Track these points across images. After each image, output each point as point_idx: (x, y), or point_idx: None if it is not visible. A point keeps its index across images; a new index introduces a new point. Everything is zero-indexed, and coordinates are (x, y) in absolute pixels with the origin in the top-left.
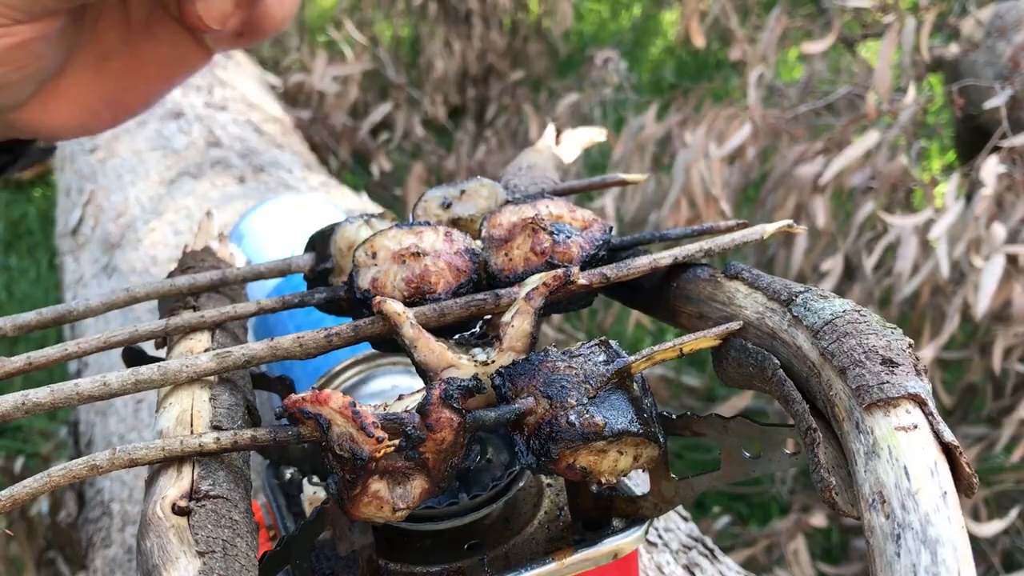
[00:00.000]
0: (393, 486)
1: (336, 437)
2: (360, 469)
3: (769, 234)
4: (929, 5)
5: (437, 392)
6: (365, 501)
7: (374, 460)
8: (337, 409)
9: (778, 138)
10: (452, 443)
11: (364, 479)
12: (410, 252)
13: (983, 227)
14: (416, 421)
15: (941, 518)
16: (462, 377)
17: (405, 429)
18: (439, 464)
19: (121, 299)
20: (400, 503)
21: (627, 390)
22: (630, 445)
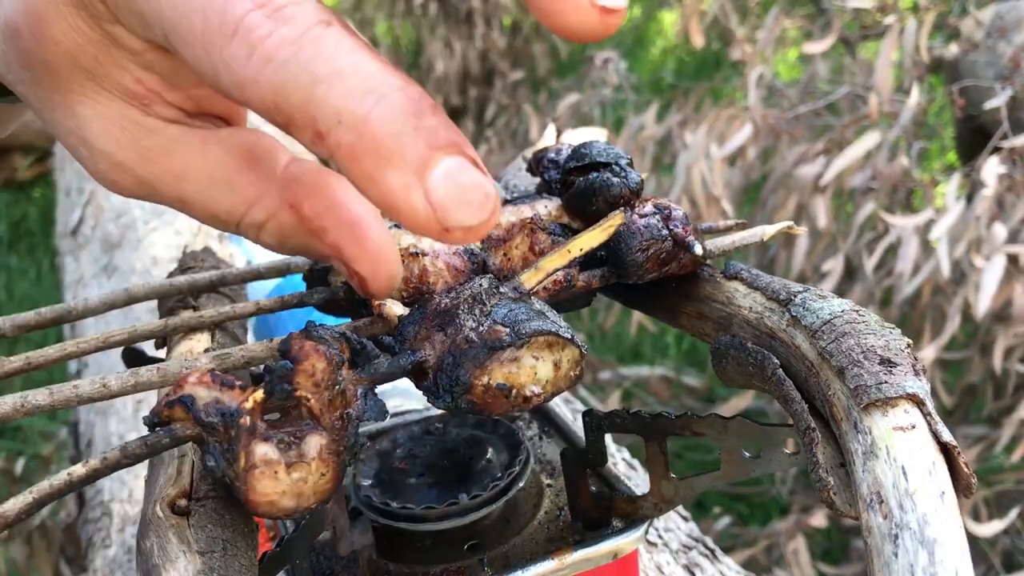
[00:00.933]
0: (284, 449)
1: (203, 408)
2: (234, 426)
3: (769, 236)
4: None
5: (297, 331)
6: (257, 472)
7: (246, 413)
8: (195, 381)
9: (778, 138)
10: (329, 378)
11: (244, 441)
12: (408, 252)
13: (984, 227)
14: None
15: (939, 518)
16: None
17: (268, 368)
18: (328, 411)
19: (120, 299)
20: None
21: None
22: (543, 348)
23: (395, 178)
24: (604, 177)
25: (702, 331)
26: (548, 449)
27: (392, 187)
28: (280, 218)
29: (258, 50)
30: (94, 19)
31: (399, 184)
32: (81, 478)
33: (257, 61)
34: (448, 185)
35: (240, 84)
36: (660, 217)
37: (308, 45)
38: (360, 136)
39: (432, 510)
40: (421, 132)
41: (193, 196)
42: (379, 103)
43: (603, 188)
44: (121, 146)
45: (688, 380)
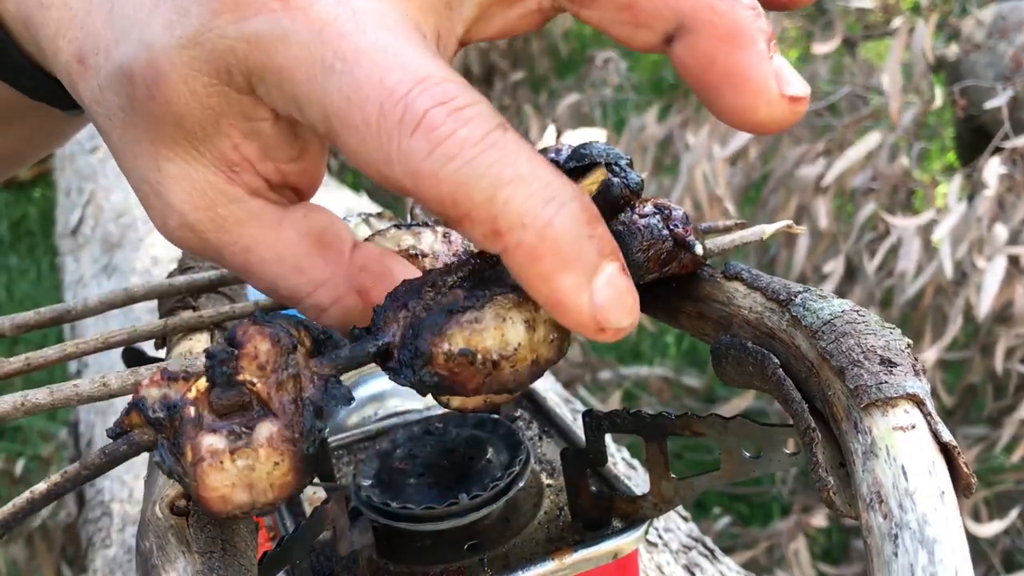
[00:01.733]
0: (234, 440)
1: (151, 405)
2: (178, 417)
3: (769, 235)
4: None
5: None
6: (205, 465)
7: (189, 403)
8: (148, 382)
9: (779, 139)
10: (276, 361)
11: (190, 432)
12: (409, 253)
13: (985, 228)
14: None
15: (939, 518)
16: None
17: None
18: (277, 394)
19: (120, 299)
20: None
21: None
22: (510, 308)
23: (569, 280)
24: (604, 178)
25: (702, 331)
26: (548, 449)
27: (565, 288)
28: (346, 303)
29: (440, 147)
30: (223, 87)
31: (572, 285)
32: (43, 494)
33: (439, 157)
34: (609, 290)
35: (416, 176)
36: (660, 217)
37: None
38: (542, 239)
39: (432, 510)
40: (594, 240)
41: (258, 270)
42: (560, 210)
43: (603, 188)
44: (197, 209)
45: (688, 380)
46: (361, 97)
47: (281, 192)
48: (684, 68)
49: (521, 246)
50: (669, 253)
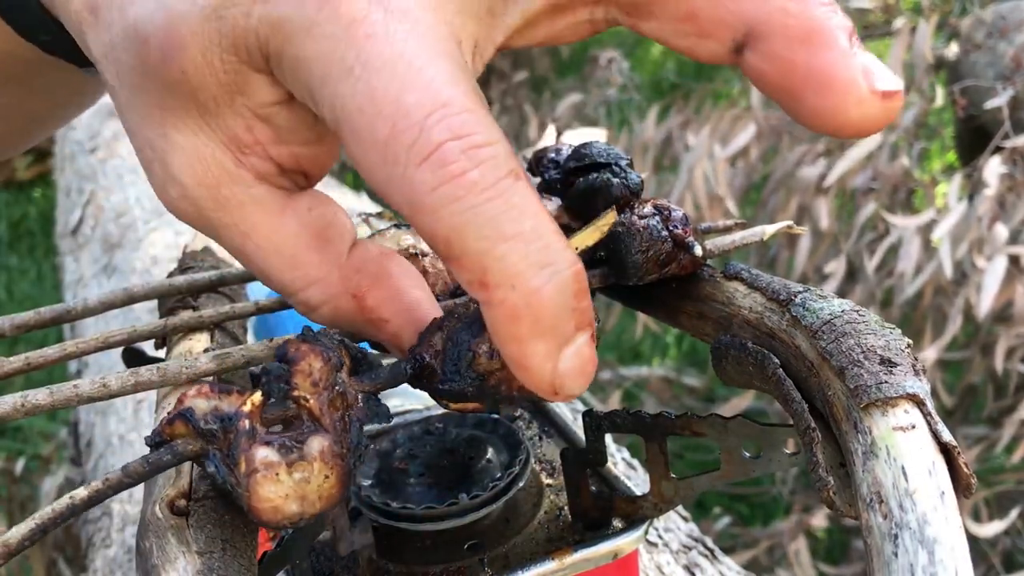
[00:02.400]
0: (286, 453)
1: (202, 417)
2: (233, 430)
3: (769, 235)
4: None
5: (295, 339)
6: (259, 476)
7: (244, 416)
8: (195, 394)
9: (780, 139)
10: (328, 379)
11: (244, 445)
12: (409, 252)
13: (985, 228)
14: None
15: (939, 518)
16: None
17: (265, 369)
18: (329, 413)
19: (120, 299)
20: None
21: None
22: None
23: (540, 347)
24: (604, 177)
25: (702, 331)
26: (548, 449)
27: (534, 353)
28: (338, 304)
29: (447, 185)
30: (241, 64)
31: (541, 353)
32: (84, 501)
33: (443, 195)
34: (574, 360)
35: (415, 206)
36: (660, 218)
37: (497, 198)
38: (527, 305)
39: (432, 510)
40: (575, 313)
41: (253, 256)
42: (552, 279)
43: (603, 188)
44: (200, 184)
45: (688, 380)
46: (374, 111)
47: (290, 176)
48: (761, 77)
49: (504, 304)
50: (668, 254)
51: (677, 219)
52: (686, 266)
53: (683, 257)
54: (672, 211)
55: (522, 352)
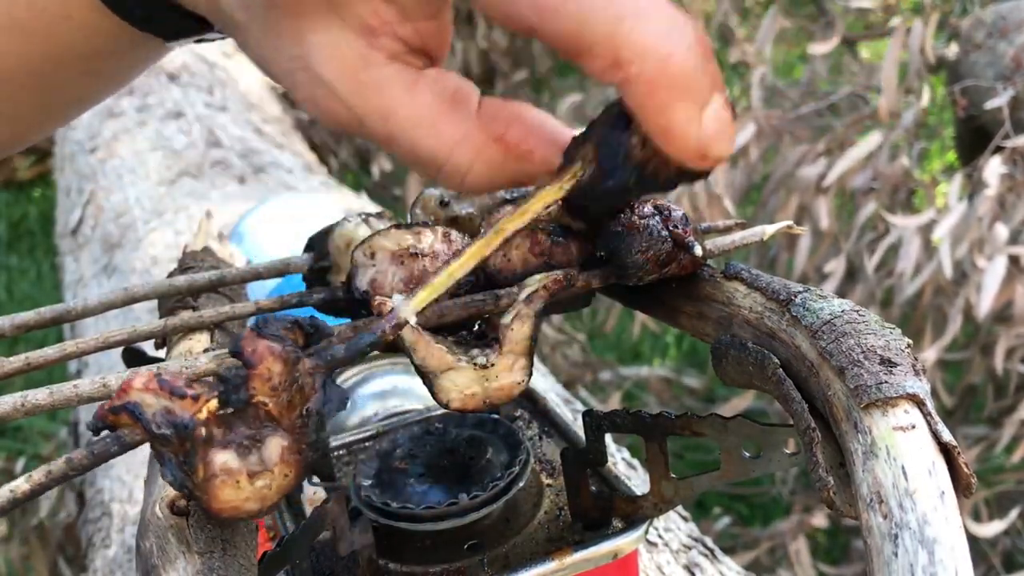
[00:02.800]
0: (245, 455)
1: (152, 418)
2: (189, 439)
3: (769, 235)
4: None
5: (249, 327)
6: (218, 482)
7: (200, 424)
8: (141, 387)
9: (780, 139)
10: (287, 378)
11: (202, 453)
12: (409, 252)
13: (985, 228)
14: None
15: (939, 518)
16: None
17: (218, 372)
18: (288, 412)
19: (119, 299)
20: (257, 467)
21: None
22: None
23: (682, 111)
24: None
25: (702, 331)
26: (548, 449)
27: (678, 118)
28: (486, 154)
29: None
30: None
31: (684, 117)
32: (25, 493)
33: None
34: (715, 123)
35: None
36: (660, 218)
37: None
38: (662, 72)
39: (432, 510)
40: (707, 74)
41: (399, 135)
42: (681, 43)
43: None
44: (342, 76)
45: (688, 380)
46: None
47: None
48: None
49: (641, 77)
50: (668, 254)
51: (677, 219)
52: (686, 266)
53: (683, 257)
54: (672, 211)
55: (667, 119)
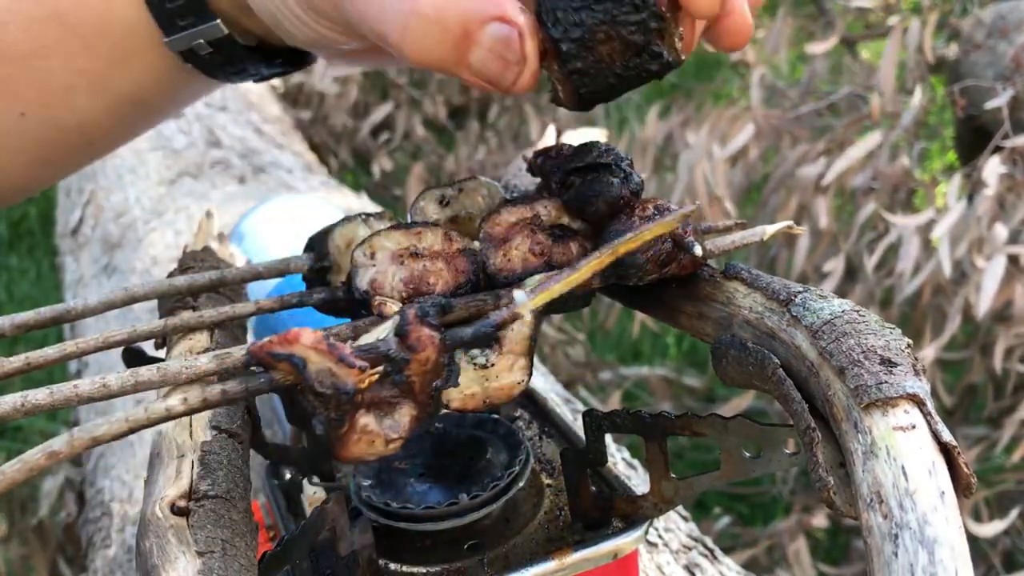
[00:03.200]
0: (381, 418)
1: (314, 375)
2: (346, 404)
3: (769, 235)
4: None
5: (413, 312)
6: (355, 439)
7: (360, 392)
8: (310, 345)
9: (780, 139)
10: (435, 363)
11: (351, 415)
12: (409, 252)
13: (985, 227)
14: (396, 344)
15: (939, 518)
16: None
17: (387, 353)
18: (424, 387)
19: (119, 299)
20: (392, 433)
21: None
22: None
23: None
24: (605, 178)
25: (702, 331)
26: (548, 449)
27: None
28: None
29: None
30: None
31: None
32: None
33: None
34: None
35: None
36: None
37: None
38: None
39: (432, 510)
40: None
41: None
42: None
43: (604, 188)
44: None
45: (688, 380)
46: None
47: None
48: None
49: None
50: (668, 254)
51: None
52: (686, 266)
53: (683, 257)
54: (671, 211)
55: None
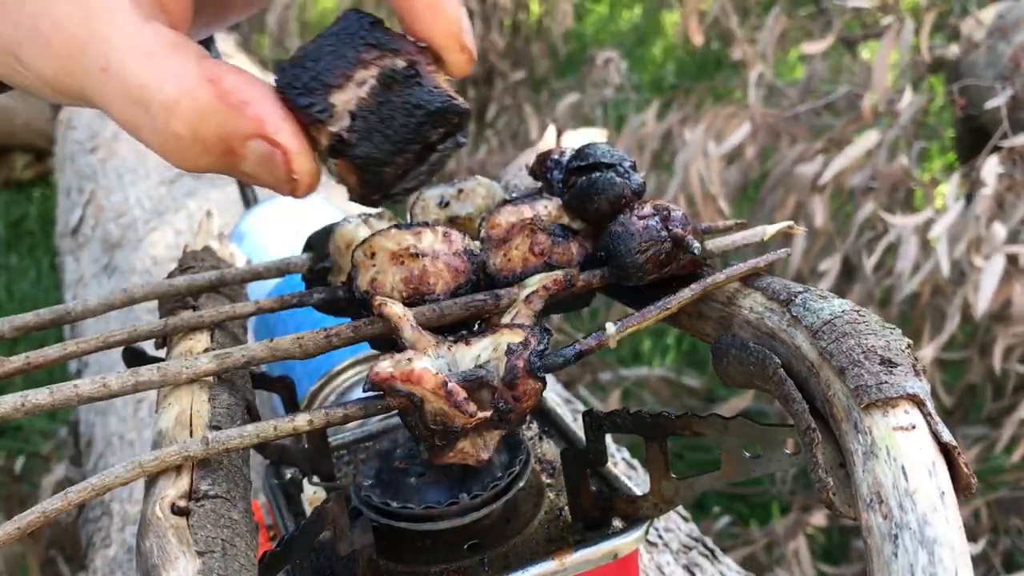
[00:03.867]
0: (475, 439)
1: (430, 413)
2: (451, 436)
3: (770, 235)
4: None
5: (522, 365)
6: (451, 456)
7: (464, 429)
8: (430, 389)
9: (778, 138)
10: (534, 406)
11: (453, 443)
12: (408, 252)
13: (983, 227)
14: (504, 393)
15: (939, 518)
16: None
17: (497, 405)
18: (519, 422)
19: (119, 300)
20: (483, 454)
21: None
22: None
23: None
24: (607, 177)
25: (702, 331)
26: (548, 449)
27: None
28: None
29: None
30: None
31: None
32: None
33: None
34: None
35: None
36: (659, 218)
37: None
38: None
39: (432, 510)
40: None
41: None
42: None
43: (606, 188)
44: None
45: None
46: None
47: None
48: None
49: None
50: (668, 254)
51: (677, 219)
52: (686, 266)
53: (683, 257)
54: (671, 211)
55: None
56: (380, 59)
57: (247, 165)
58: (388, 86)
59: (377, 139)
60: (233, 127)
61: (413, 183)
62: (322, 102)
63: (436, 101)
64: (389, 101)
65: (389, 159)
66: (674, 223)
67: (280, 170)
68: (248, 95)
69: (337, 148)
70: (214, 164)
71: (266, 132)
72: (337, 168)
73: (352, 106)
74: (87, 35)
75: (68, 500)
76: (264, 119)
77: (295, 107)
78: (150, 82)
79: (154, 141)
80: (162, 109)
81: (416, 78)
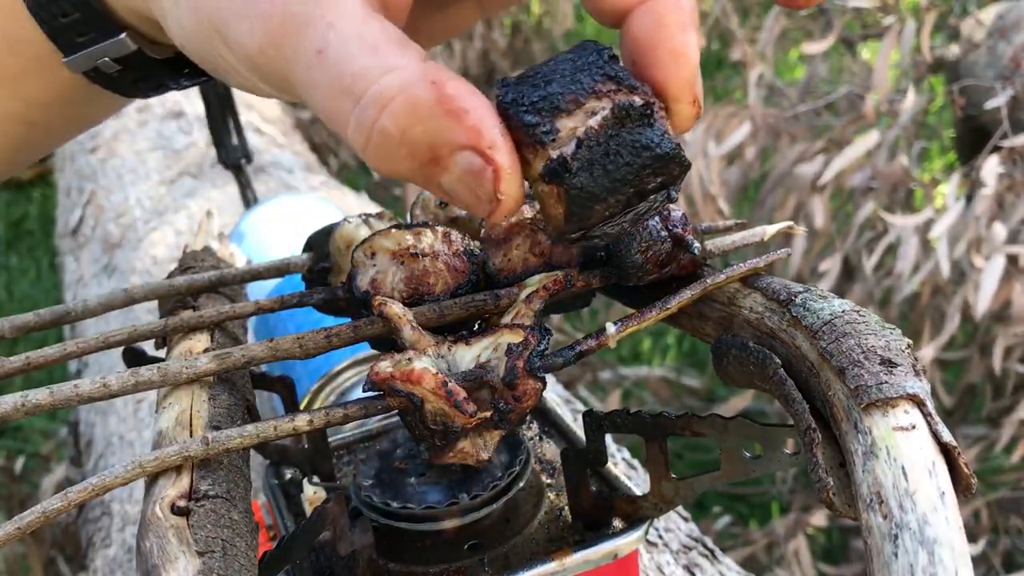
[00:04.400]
0: (475, 439)
1: (429, 413)
2: (451, 436)
3: (770, 235)
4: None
5: (522, 365)
6: (451, 455)
7: (464, 430)
8: (430, 389)
9: (778, 138)
10: (534, 406)
11: (453, 442)
12: (409, 252)
13: (983, 227)
14: (504, 393)
15: (939, 518)
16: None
17: (497, 405)
18: (518, 422)
19: (119, 300)
20: (483, 454)
21: None
22: None
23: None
24: None
25: (702, 331)
26: (548, 449)
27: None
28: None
29: None
30: None
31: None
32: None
33: None
34: None
35: None
36: (659, 218)
37: None
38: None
39: (432, 510)
40: None
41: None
42: None
43: None
44: None
45: (688, 380)
46: None
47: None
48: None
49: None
50: (668, 254)
51: (677, 219)
52: (686, 266)
53: (683, 257)
54: (671, 211)
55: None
56: (616, 93)
57: (448, 178)
58: (621, 121)
59: (597, 171)
60: (447, 134)
61: (615, 229)
62: (548, 124)
63: (666, 146)
64: (618, 136)
65: (603, 195)
66: (674, 223)
67: (486, 188)
68: (469, 104)
69: (557, 172)
70: (414, 171)
71: (481, 146)
72: (544, 195)
73: (580, 133)
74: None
75: (68, 500)
76: (482, 132)
77: (517, 125)
78: (368, 73)
79: (357, 137)
80: (374, 103)
81: (651, 119)
